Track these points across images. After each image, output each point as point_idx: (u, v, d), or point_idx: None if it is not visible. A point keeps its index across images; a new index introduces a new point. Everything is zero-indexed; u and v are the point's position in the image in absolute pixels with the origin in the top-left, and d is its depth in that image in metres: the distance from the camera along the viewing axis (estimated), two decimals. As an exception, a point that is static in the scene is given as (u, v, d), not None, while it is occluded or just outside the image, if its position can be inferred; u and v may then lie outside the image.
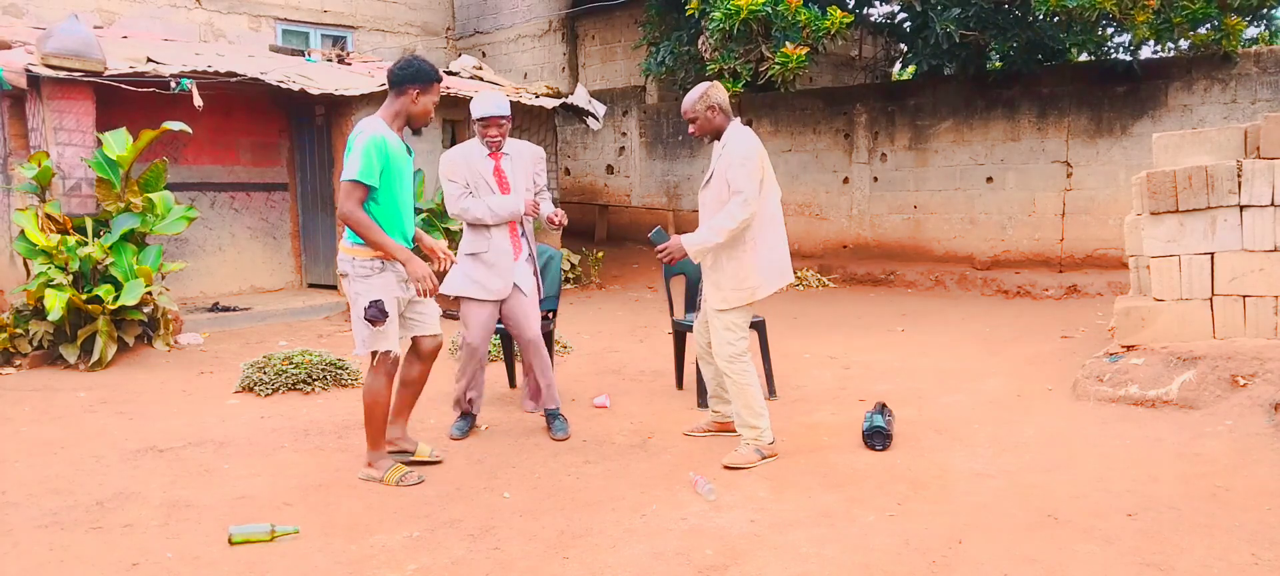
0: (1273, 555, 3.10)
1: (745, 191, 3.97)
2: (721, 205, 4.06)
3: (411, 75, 3.80)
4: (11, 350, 6.30)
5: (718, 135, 4.19)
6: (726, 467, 4.09)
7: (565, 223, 4.58)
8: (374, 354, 3.86)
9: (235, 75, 7.64)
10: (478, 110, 4.50)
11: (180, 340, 7.05)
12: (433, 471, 4.13)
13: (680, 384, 5.64)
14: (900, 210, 11.02)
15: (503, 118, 4.49)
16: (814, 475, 4.01)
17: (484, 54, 15.07)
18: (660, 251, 4.16)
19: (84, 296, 6.26)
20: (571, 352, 6.87)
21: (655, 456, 4.34)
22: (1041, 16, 8.74)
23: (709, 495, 3.75)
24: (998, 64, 10.26)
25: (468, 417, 4.71)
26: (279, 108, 9.35)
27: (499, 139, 4.52)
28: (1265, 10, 9.39)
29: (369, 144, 3.69)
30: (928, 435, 4.59)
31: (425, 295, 3.83)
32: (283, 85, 7.85)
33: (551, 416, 4.72)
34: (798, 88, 10.41)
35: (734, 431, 4.44)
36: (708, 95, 4.14)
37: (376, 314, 3.75)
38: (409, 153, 3.94)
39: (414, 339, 4.08)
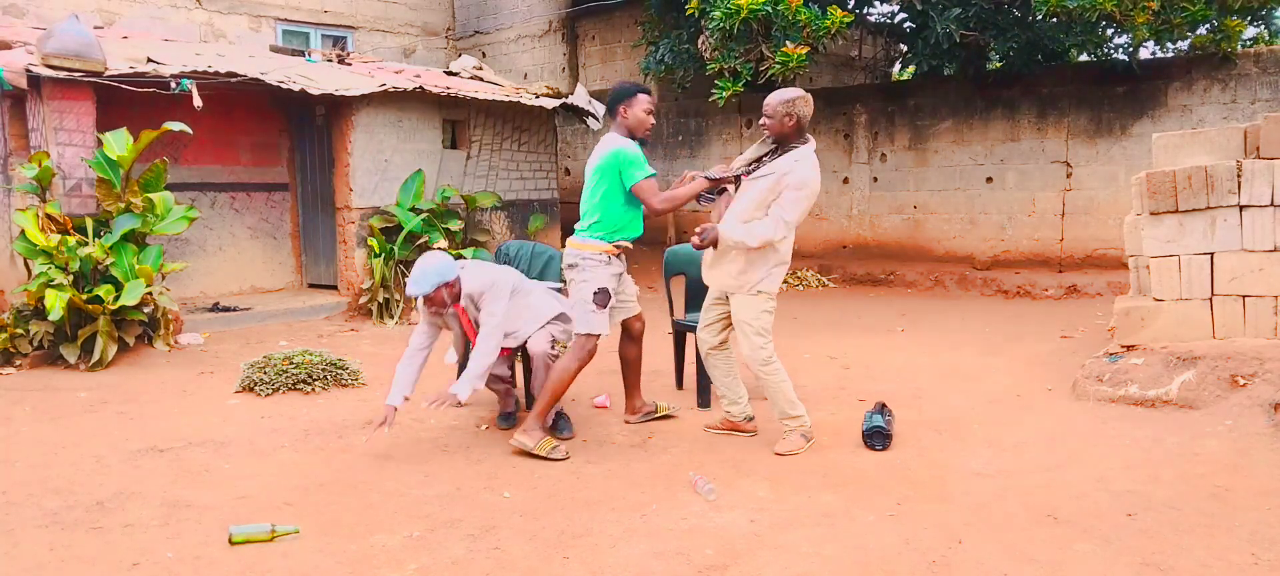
0: (1273, 555, 3.10)
1: (792, 219, 4.16)
2: (761, 207, 4.15)
3: (614, 98, 4.37)
4: (12, 350, 6.30)
5: (781, 143, 4.21)
6: (778, 454, 4.26)
7: None
8: (590, 336, 4.30)
9: (235, 75, 7.64)
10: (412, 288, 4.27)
11: (180, 340, 7.05)
12: (433, 470, 4.13)
13: (680, 384, 5.64)
14: (900, 210, 11.02)
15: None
16: (814, 475, 4.01)
17: (484, 54, 15.07)
18: (700, 232, 4.21)
19: (84, 296, 6.26)
20: (571, 353, 6.85)
21: (655, 456, 4.34)
22: (1041, 17, 8.74)
23: (709, 495, 3.76)
24: (997, 64, 10.26)
25: (507, 415, 4.88)
26: (279, 108, 9.35)
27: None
28: (1265, 11, 9.39)
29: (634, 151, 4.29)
30: (928, 435, 4.59)
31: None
32: (283, 85, 7.85)
33: (555, 416, 4.72)
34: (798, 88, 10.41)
35: (744, 432, 4.62)
36: (795, 104, 4.14)
37: (604, 298, 4.28)
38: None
39: (624, 322, 4.64)
